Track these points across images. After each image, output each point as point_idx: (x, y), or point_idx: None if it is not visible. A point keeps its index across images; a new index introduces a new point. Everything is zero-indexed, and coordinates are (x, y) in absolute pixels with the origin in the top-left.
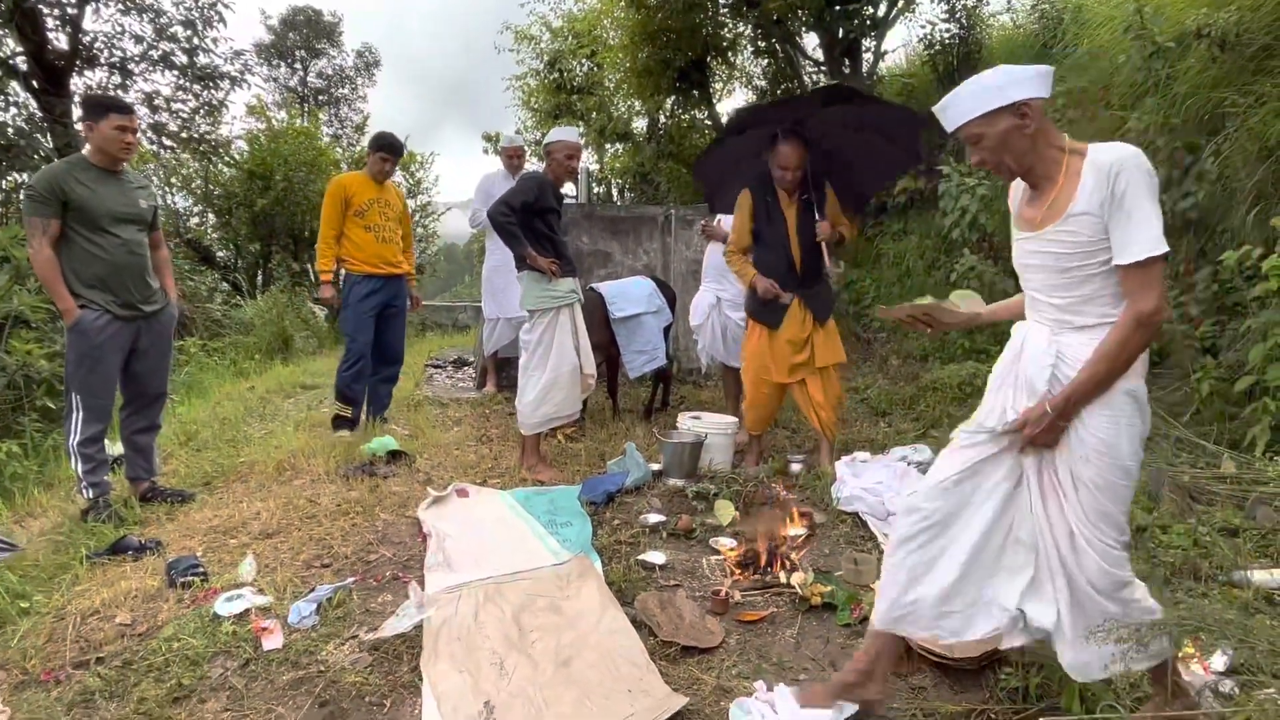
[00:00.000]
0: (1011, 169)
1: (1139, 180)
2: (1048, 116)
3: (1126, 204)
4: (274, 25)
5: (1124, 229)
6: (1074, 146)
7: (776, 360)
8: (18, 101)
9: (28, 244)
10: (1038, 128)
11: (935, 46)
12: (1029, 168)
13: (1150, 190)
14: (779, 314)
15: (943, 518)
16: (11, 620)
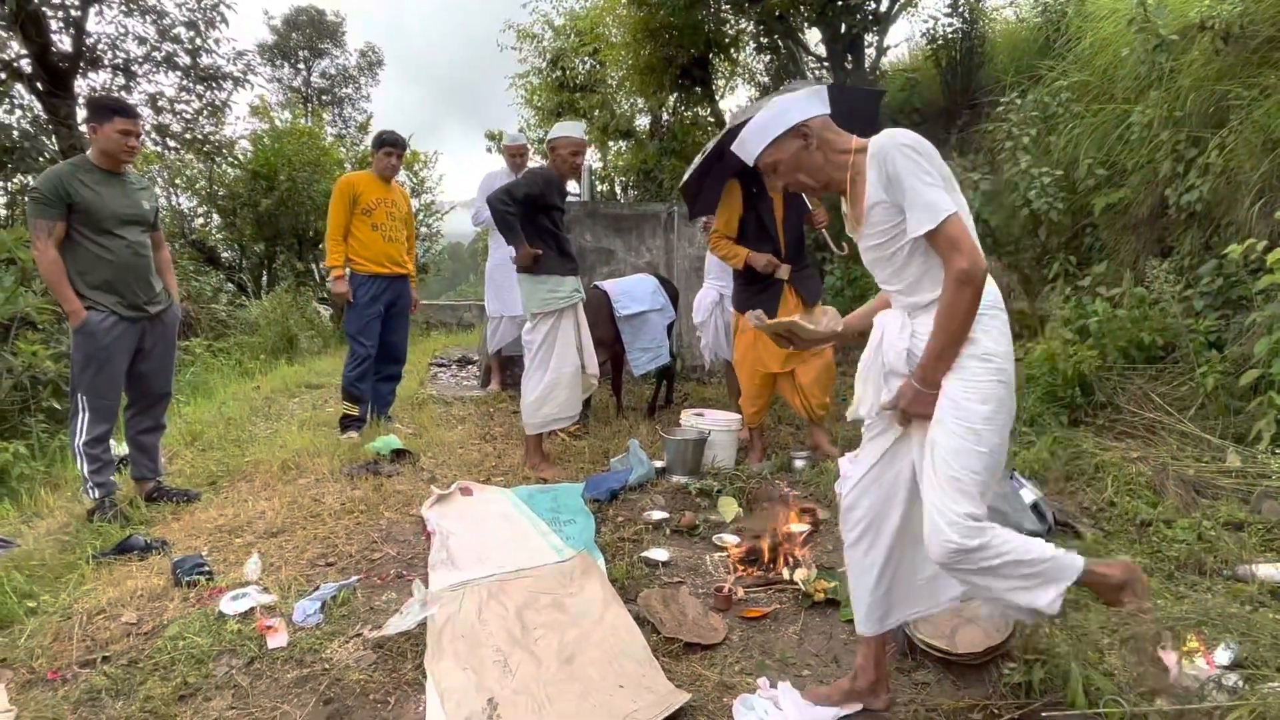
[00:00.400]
0: (811, 185)
1: (900, 157)
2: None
3: (901, 182)
4: (277, 25)
5: (908, 205)
6: (859, 145)
7: (770, 350)
8: (22, 103)
9: (32, 246)
10: (821, 141)
11: (938, 41)
12: (826, 179)
13: (913, 162)
14: (771, 303)
15: (875, 514)
16: (18, 620)
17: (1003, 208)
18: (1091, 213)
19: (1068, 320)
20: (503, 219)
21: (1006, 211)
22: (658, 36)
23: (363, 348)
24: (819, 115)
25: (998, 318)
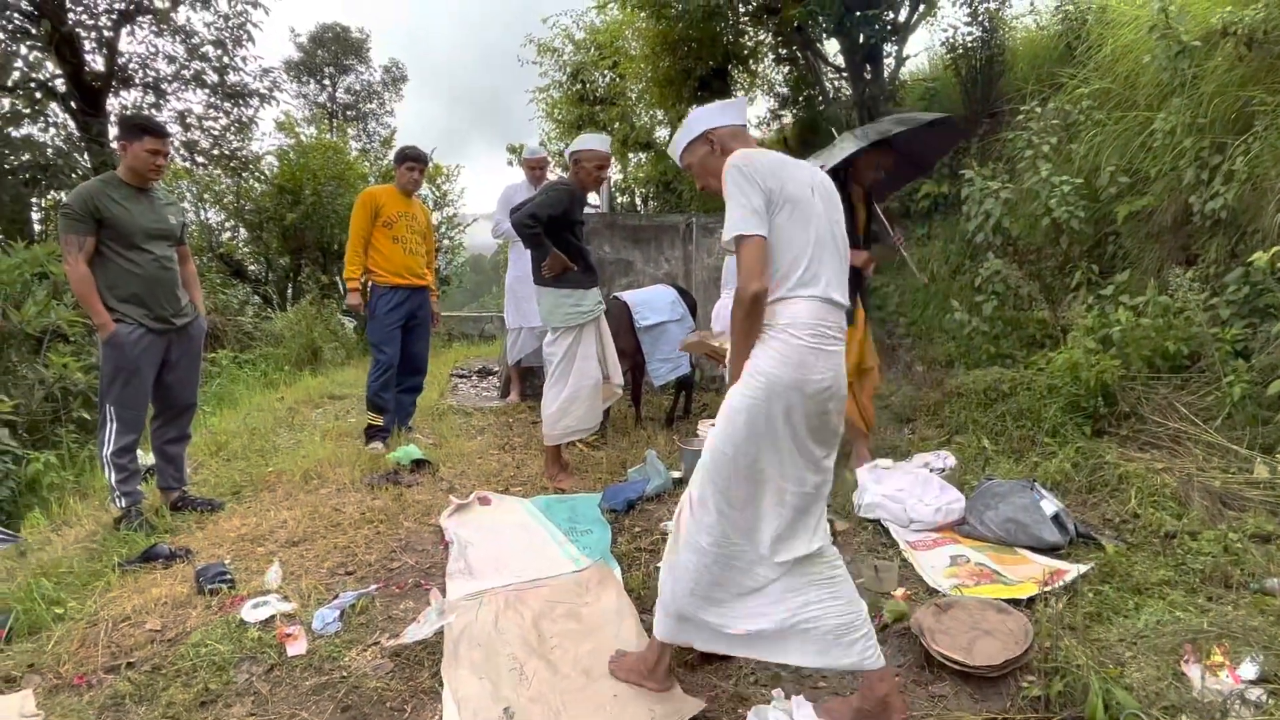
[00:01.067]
0: (717, 188)
1: (730, 174)
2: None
3: (726, 198)
4: (303, 43)
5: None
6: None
7: (851, 359)
8: (56, 122)
9: (64, 261)
10: (723, 149)
11: (958, 50)
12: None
13: (734, 183)
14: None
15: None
16: (46, 626)
17: (1024, 217)
18: (1114, 221)
19: (1090, 329)
20: (531, 239)
21: (1028, 220)
22: (676, 49)
23: (385, 356)
24: (727, 125)
25: (786, 342)
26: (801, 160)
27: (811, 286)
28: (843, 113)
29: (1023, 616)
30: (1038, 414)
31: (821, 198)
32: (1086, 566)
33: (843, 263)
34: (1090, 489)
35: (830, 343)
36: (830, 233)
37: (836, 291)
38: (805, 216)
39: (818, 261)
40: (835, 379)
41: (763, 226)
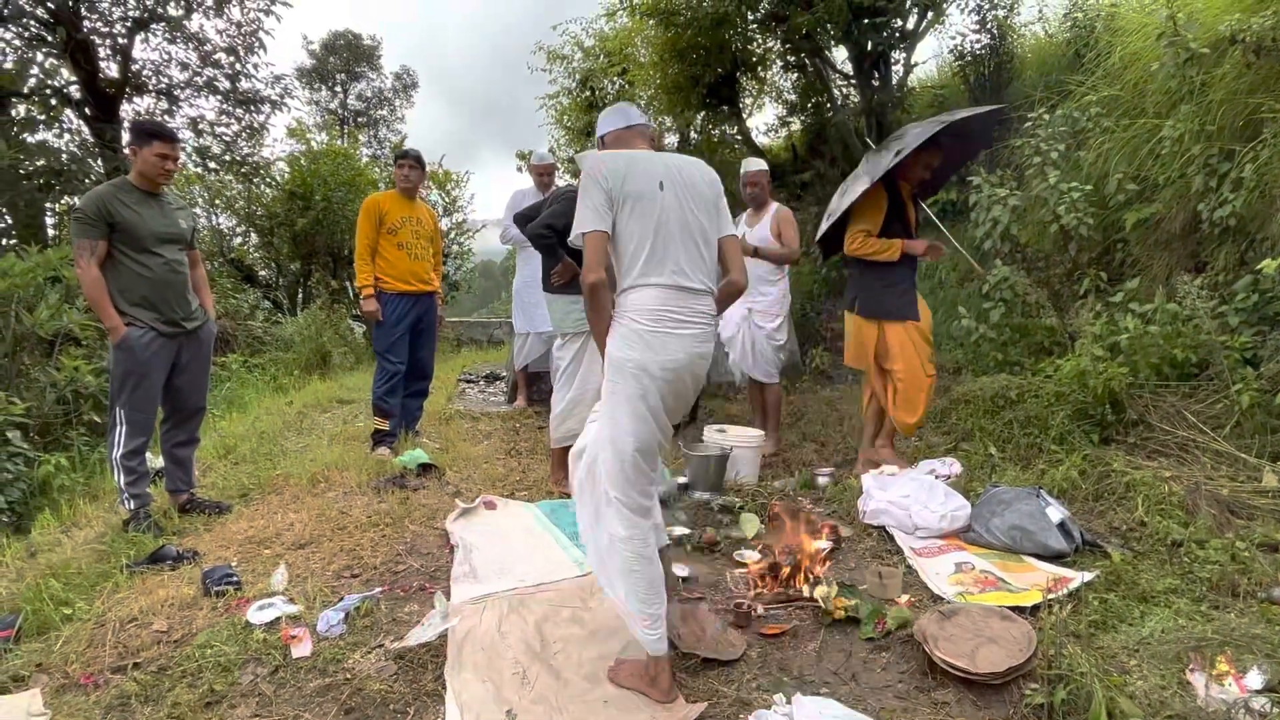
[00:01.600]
0: None
1: (581, 179)
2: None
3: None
4: (315, 50)
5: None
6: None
7: (927, 351)
8: (71, 128)
9: (75, 264)
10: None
11: (966, 58)
12: None
13: (582, 185)
14: (913, 304)
15: None
16: (55, 626)
17: (1032, 224)
18: (1123, 228)
19: (1098, 337)
20: (546, 249)
21: (1036, 227)
22: (685, 56)
23: (391, 364)
24: (612, 130)
25: (629, 328)
26: (658, 154)
27: (655, 275)
28: (851, 120)
29: (1026, 624)
30: (1045, 421)
31: (676, 191)
32: (1092, 574)
33: (700, 249)
34: (1097, 496)
35: (679, 326)
36: (682, 222)
37: (687, 277)
38: (647, 210)
39: (662, 250)
40: (687, 359)
41: (601, 223)
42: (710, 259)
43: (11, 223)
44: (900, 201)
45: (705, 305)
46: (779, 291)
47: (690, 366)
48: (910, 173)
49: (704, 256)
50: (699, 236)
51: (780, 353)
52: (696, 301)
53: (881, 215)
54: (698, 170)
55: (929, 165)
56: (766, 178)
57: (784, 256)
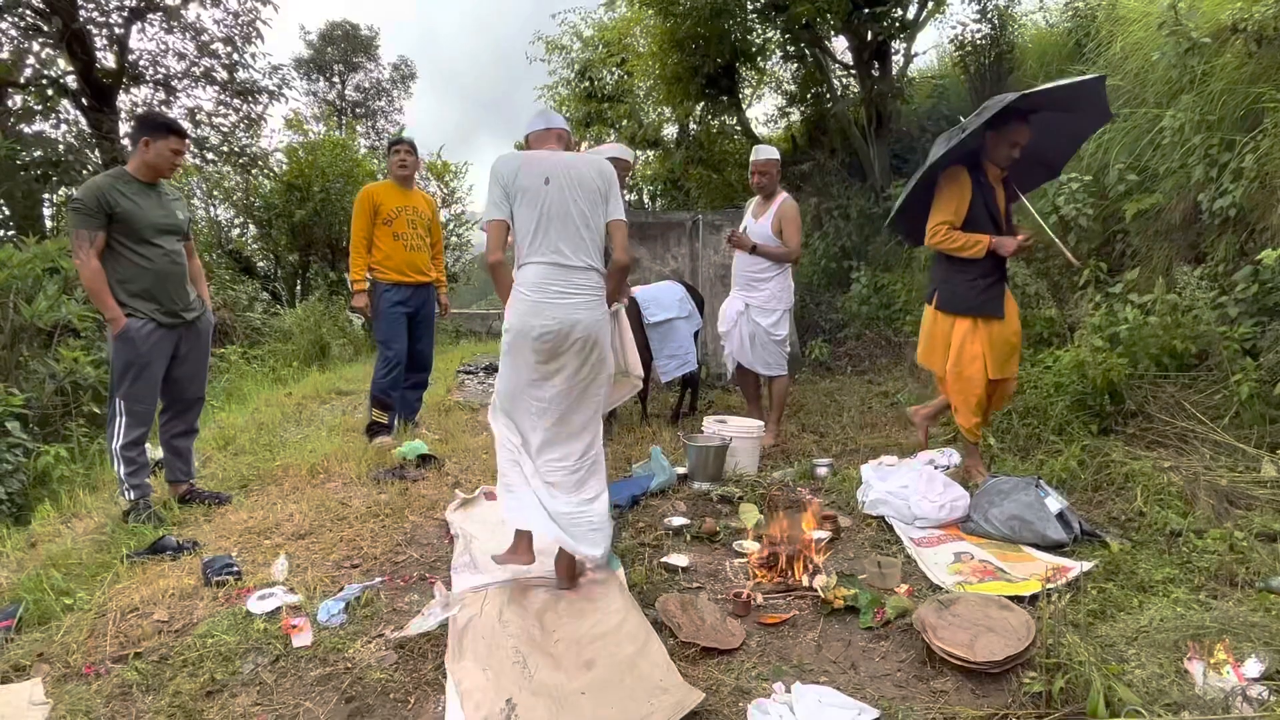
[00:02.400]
0: None
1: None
2: None
3: None
4: (313, 40)
5: None
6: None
7: (1002, 354)
8: (68, 118)
9: (74, 255)
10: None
11: (966, 48)
12: None
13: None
14: (999, 300)
15: None
16: (56, 616)
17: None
18: (1123, 219)
19: (1098, 328)
20: None
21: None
22: (684, 46)
23: (391, 353)
24: (532, 131)
25: (517, 298)
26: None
27: (539, 254)
28: (850, 110)
29: (1025, 613)
30: (1044, 412)
31: (561, 185)
32: (1090, 564)
33: (581, 233)
34: (1096, 487)
35: (557, 296)
36: (564, 211)
37: (565, 257)
38: (534, 201)
39: (543, 233)
40: (561, 324)
41: (499, 213)
42: (592, 241)
43: (9, 214)
44: (987, 186)
45: (584, 279)
46: (778, 285)
47: (574, 328)
48: (995, 153)
49: (584, 239)
50: (580, 222)
51: (783, 346)
52: (575, 276)
53: (964, 203)
54: (590, 166)
55: (1015, 143)
56: (775, 167)
57: (782, 256)
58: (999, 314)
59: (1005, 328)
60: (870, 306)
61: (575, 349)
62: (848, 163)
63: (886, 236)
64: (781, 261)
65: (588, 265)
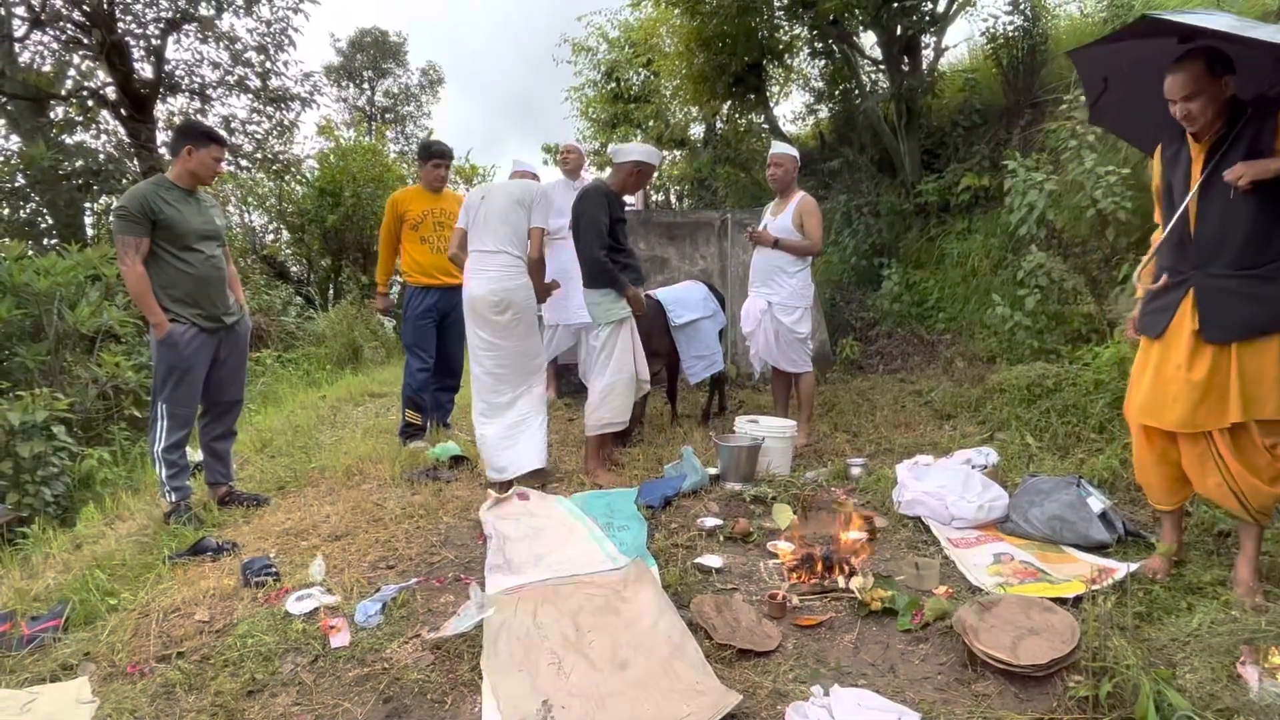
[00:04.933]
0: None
1: None
2: None
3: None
4: (342, 47)
5: None
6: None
7: (1159, 394)
8: (107, 129)
9: (119, 262)
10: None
11: (998, 40)
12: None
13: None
14: (1161, 316)
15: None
16: (101, 616)
17: (1068, 208)
18: None
19: None
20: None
21: (1072, 212)
22: (710, 45)
23: (418, 359)
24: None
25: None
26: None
27: (474, 246)
28: (880, 106)
29: (1069, 615)
30: (1084, 410)
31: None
32: (1136, 565)
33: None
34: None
35: (478, 271)
36: (487, 216)
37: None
38: (474, 215)
39: (478, 232)
40: (483, 291)
41: (463, 223)
42: (509, 235)
43: (52, 222)
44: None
45: (497, 261)
46: (799, 283)
47: (486, 296)
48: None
49: (499, 234)
50: (498, 223)
51: (806, 343)
52: (491, 259)
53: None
54: (516, 188)
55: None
56: (791, 161)
57: (805, 249)
58: (1152, 333)
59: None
60: (902, 304)
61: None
62: (877, 159)
63: (918, 232)
64: (804, 255)
65: (501, 250)
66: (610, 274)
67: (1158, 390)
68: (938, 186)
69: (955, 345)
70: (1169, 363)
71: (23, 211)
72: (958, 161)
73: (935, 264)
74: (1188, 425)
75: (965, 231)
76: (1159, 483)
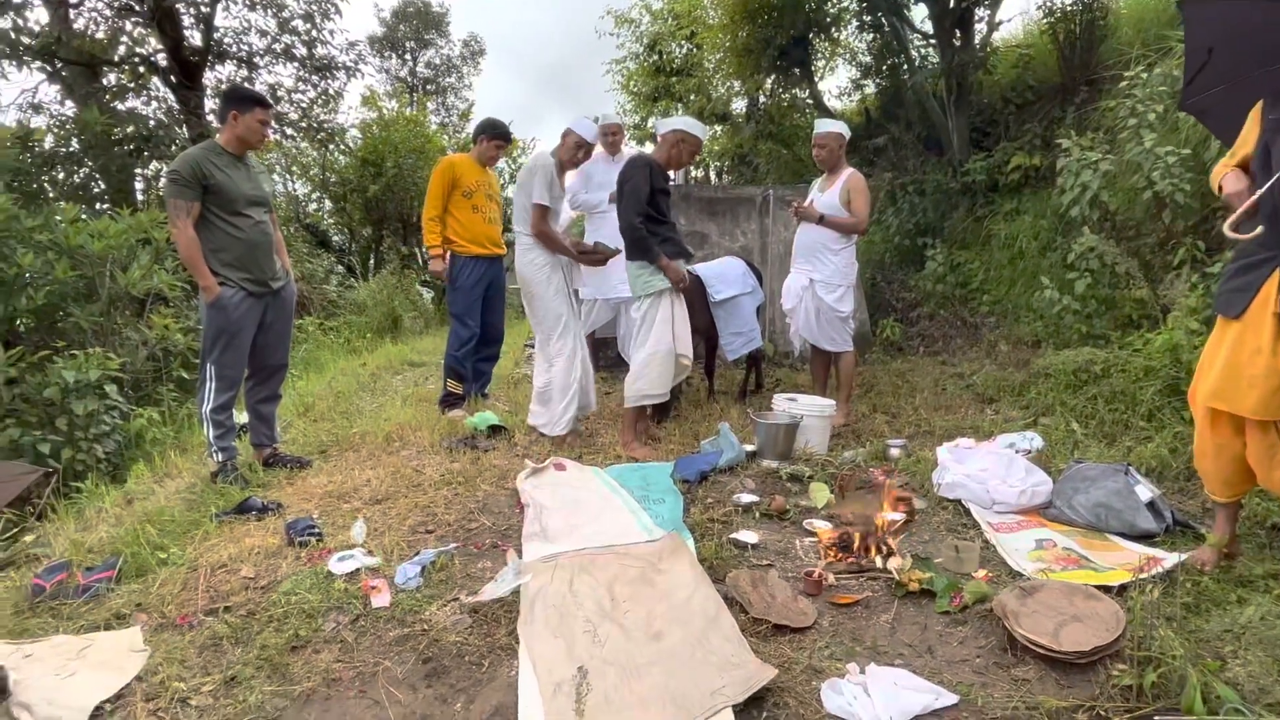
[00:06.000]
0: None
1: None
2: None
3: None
4: (386, 18)
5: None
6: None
7: (1234, 378)
8: (157, 95)
9: (170, 225)
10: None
11: (1055, 14)
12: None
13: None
14: (1241, 294)
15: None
16: (152, 569)
17: (1123, 190)
18: None
19: (1193, 310)
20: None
21: (1127, 194)
22: (756, 17)
23: (466, 329)
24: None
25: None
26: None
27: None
28: (929, 81)
29: (1114, 603)
30: (1133, 397)
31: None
32: (1184, 555)
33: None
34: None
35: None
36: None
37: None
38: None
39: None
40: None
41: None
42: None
43: (104, 187)
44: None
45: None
46: (843, 261)
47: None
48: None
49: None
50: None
51: (848, 322)
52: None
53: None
54: (526, 167)
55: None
56: (836, 140)
57: (851, 227)
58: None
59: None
60: (945, 285)
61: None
62: (924, 136)
63: (965, 212)
64: (849, 233)
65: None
66: (644, 242)
67: (1232, 373)
68: (986, 165)
69: (999, 328)
70: (1246, 345)
71: (76, 176)
72: (1008, 140)
73: (981, 245)
74: (1263, 412)
75: (1013, 212)
76: (1219, 472)
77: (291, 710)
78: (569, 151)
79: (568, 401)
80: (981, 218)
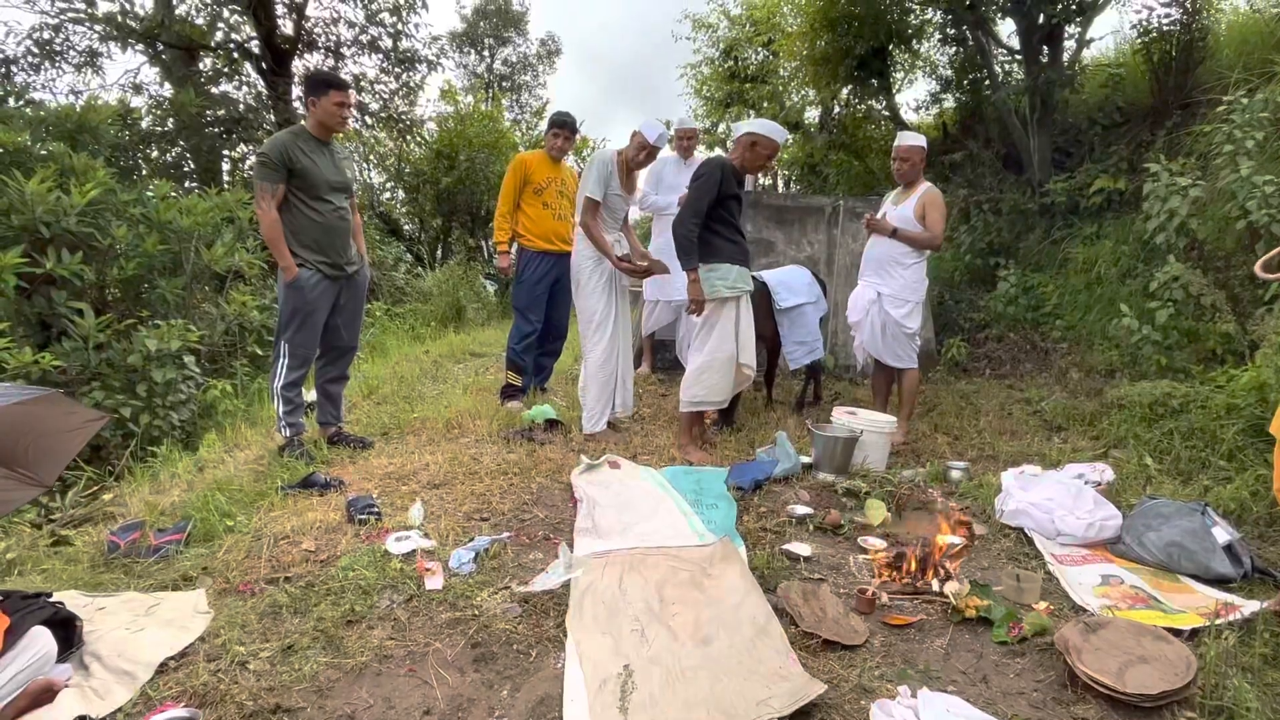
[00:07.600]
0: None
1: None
2: None
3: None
4: (467, 14)
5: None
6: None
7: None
8: (249, 81)
9: (256, 205)
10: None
11: (1151, 34)
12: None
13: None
14: None
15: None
16: (218, 535)
17: (1214, 218)
18: None
19: None
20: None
21: (1218, 223)
22: (836, 26)
23: (529, 323)
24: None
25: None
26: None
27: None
28: (1011, 98)
29: (1184, 647)
30: (1213, 434)
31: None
32: (1265, 603)
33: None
34: (1271, 522)
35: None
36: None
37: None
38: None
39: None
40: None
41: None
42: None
43: (194, 166)
44: None
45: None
46: (913, 276)
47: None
48: None
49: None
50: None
51: (914, 339)
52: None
53: None
54: (586, 165)
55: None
56: (919, 154)
57: (925, 242)
58: None
59: None
60: (1017, 307)
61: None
62: (1003, 154)
63: (1041, 234)
64: (923, 248)
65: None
66: (686, 246)
67: None
68: (1067, 187)
69: (1071, 355)
70: None
71: (169, 155)
72: (1092, 161)
73: (1057, 268)
74: None
75: (1093, 236)
76: None
77: (344, 683)
78: (633, 151)
79: (601, 400)
80: (1059, 240)
